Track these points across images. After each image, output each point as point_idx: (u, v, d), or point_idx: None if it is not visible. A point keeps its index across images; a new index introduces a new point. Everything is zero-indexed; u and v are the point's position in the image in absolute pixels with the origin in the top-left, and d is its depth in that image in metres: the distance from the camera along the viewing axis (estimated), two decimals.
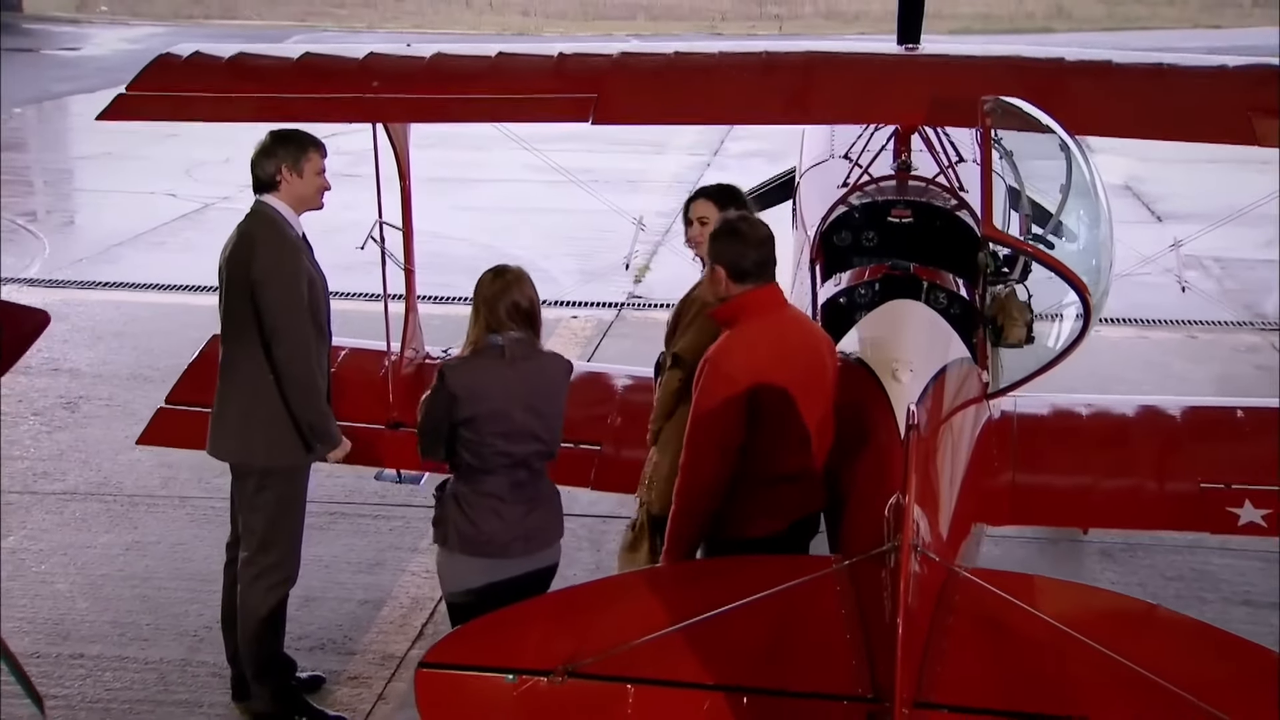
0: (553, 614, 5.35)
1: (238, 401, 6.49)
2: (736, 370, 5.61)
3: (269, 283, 6.30)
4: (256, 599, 6.52)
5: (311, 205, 6.55)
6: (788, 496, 5.82)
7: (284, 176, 6.43)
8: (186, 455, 9.54)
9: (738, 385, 5.59)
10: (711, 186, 6.77)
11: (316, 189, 6.51)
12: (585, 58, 7.86)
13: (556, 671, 4.61)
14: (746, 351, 5.66)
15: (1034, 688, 4.75)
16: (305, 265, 6.40)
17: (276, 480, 6.50)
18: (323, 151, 6.57)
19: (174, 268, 15.14)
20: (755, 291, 5.73)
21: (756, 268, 5.72)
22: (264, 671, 6.61)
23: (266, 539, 6.53)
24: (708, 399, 5.63)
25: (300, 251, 6.42)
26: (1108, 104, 7.40)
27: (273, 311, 6.29)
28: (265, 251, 6.35)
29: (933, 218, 7.78)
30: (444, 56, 7.86)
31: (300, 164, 6.44)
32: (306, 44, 8.43)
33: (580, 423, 7.36)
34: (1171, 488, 7.10)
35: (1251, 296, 14.49)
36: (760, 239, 5.75)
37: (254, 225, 6.43)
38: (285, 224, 6.43)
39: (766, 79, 7.67)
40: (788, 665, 4.85)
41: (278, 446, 6.44)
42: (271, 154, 6.46)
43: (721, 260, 5.73)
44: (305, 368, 6.36)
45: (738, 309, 5.72)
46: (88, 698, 6.90)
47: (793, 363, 5.73)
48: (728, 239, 5.75)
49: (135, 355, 12.16)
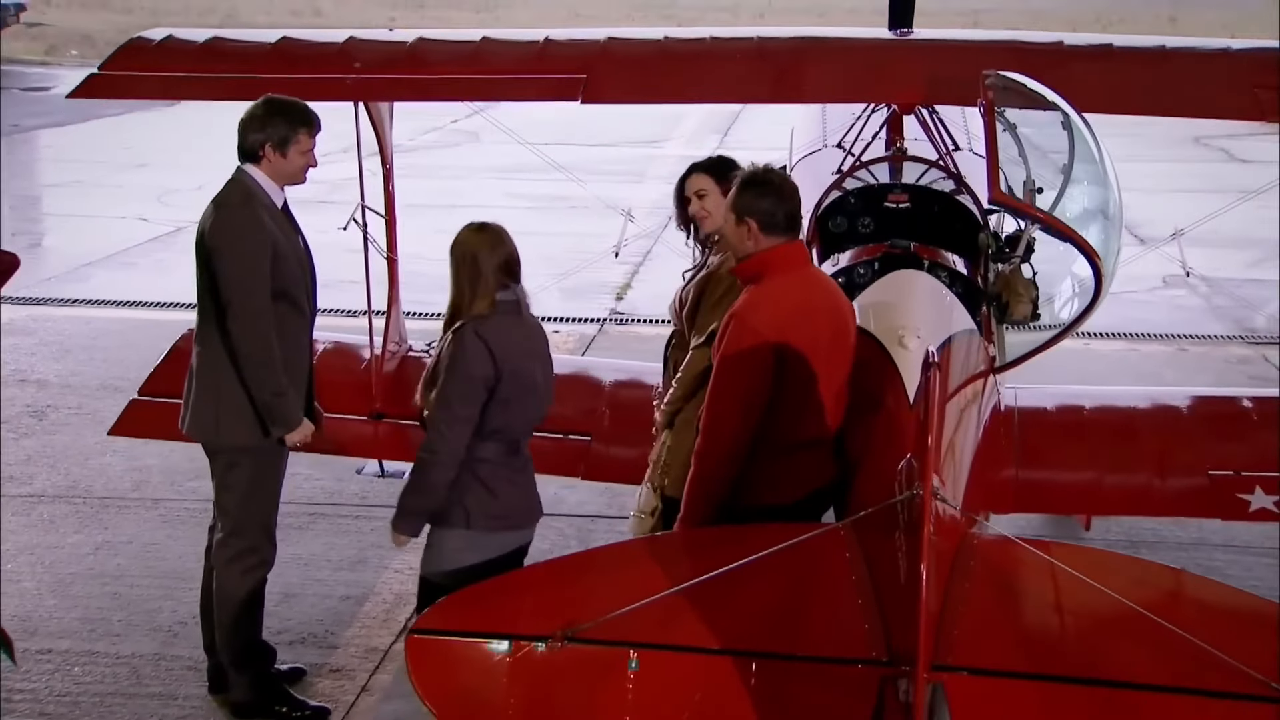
0: (546, 582, 5.16)
1: (202, 378, 6.20)
2: (763, 325, 5.37)
3: (223, 252, 6.01)
4: (233, 582, 6.25)
5: (294, 180, 6.27)
6: (807, 463, 5.59)
7: (266, 154, 6.14)
8: (158, 459, 9.48)
9: (763, 341, 5.35)
10: (705, 160, 6.54)
11: (300, 167, 6.22)
12: (572, 41, 7.68)
13: (554, 637, 4.42)
14: (772, 307, 5.42)
15: (1054, 650, 4.57)
16: (269, 236, 6.04)
17: (246, 459, 6.20)
18: (314, 129, 6.22)
19: (145, 286, 14.87)
20: (782, 247, 5.49)
21: (788, 220, 5.50)
22: (242, 659, 6.32)
23: (240, 521, 6.26)
24: (732, 354, 5.36)
25: (264, 221, 6.06)
26: (1110, 81, 7.29)
27: (226, 283, 6.00)
28: (224, 220, 6.06)
29: (930, 201, 7.60)
30: (427, 40, 7.71)
31: (287, 145, 6.13)
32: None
33: (571, 415, 7.18)
34: (1181, 475, 6.94)
35: (1240, 312, 14.36)
36: (792, 191, 5.55)
37: (224, 193, 6.17)
38: (259, 193, 6.13)
39: (760, 60, 7.51)
40: (797, 630, 4.66)
41: (239, 426, 6.14)
42: (260, 127, 6.14)
43: (753, 212, 5.46)
44: (258, 344, 6.00)
45: (763, 264, 5.48)
46: (55, 691, 6.60)
47: (818, 323, 5.50)
48: (761, 189, 5.48)
49: (105, 367, 11.85)
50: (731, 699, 4.39)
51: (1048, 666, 4.42)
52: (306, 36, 8.02)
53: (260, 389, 6.04)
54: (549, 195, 19.82)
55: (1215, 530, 8.30)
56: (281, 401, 6.09)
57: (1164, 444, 7.07)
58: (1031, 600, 4.81)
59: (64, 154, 24.09)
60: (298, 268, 6.20)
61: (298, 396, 6.22)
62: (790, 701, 4.38)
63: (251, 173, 6.15)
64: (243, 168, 6.18)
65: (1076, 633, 4.67)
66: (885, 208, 7.58)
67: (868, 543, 4.81)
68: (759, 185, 5.51)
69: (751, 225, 5.47)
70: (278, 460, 6.31)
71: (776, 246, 5.49)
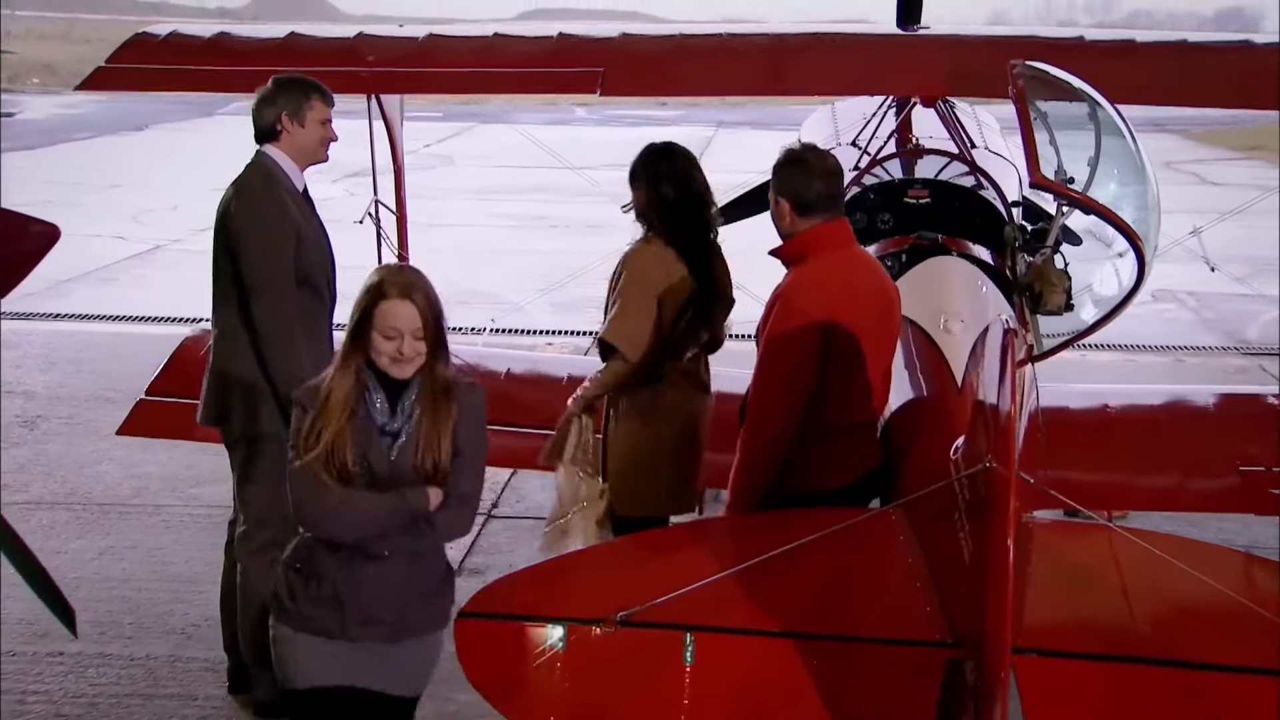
0: (593, 566, 5.10)
1: (220, 365, 6.02)
2: (810, 305, 5.17)
3: (247, 234, 5.84)
4: (257, 576, 6.00)
5: (315, 158, 6.07)
6: (854, 447, 5.39)
7: (284, 125, 5.94)
8: (156, 466, 9.32)
9: (810, 321, 5.15)
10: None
11: (320, 140, 6.01)
12: (587, 36, 7.60)
13: (607, 620, 4.30)
14: (818, 288, 5.22)
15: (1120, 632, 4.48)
16: (294, 219, 5.88)
17: (268, 447, 5.95)
18: (328, 100, 6.04)
19: (128, 301, 14.72)
20: (824, 226, 5.28)
21: (822, 200, 5.27)
22: (267, 656, 6.13)
23: (263, 512, 6.01)
24: (778, 336, 5.18)
25: (288, 205, 5.90)
26: (1133, 74, 7.25)
27: (250, 265, 5.83)
28: (247, 201, 5.88)
29: (950, 197, 7.53)
30: (439, 36, 7.61)
31: (302, 112, 5.94)
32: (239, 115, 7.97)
33: None
34: (1212, 471, 6.87)
35: (1230, 325, 14.41)
36: (827, 169, 5.32)
37: (246, 175, 5.98)
38: (280, 175, 5.95)
39: (778, 54, 7.45)
40: (854, 613, 4.56)
41: (260, 412, 5.95)
42: (272, 101, 5.98)
43: (784, 192, 5.30)
44: (283, 326, 5.82)
45: (805, 244, 5.29)
46: (71, 693, 6.42)
47: (864, 304, 5.30)
48: (790, 168, 5.30)
49: (93, 379, 11.66)
50: (791, 683, 4.27)
51: (1116, 649, 4.33)
52: (314, 33, 7.93)
53: (282, 375, 5.83)
54: (528, 215, 19.79)
55: (1237, 531, 8.20)
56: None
57: (1192, 441, 7.00)
58: (1091, 581, 4.71)
59: (35, 176, 23.86)
60: (319, 253, 6.02)
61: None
62: (852, 685, 4.28)
63: (271, 154, 5.98)
64: (262, 149, 6.00)
65: (1141, 614, 4.58)
66: (905, 203, 7.51)
67: (922, 525, 4.71)
68: (791, 165, 5.34)
69: (784, 205, 5.32)
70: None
71: (817, 226, 5.30)
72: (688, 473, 6.02)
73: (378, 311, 4.37)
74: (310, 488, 4.41)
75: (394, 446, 4.44)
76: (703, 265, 5.88)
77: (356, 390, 4.42)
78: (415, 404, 4.46)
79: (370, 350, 4.40)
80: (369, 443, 4.42)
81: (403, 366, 4.41)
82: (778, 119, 35.37)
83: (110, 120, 33.10)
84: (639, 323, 5.78)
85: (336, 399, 4.40)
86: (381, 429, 4.44)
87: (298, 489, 4.45)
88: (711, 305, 5.94)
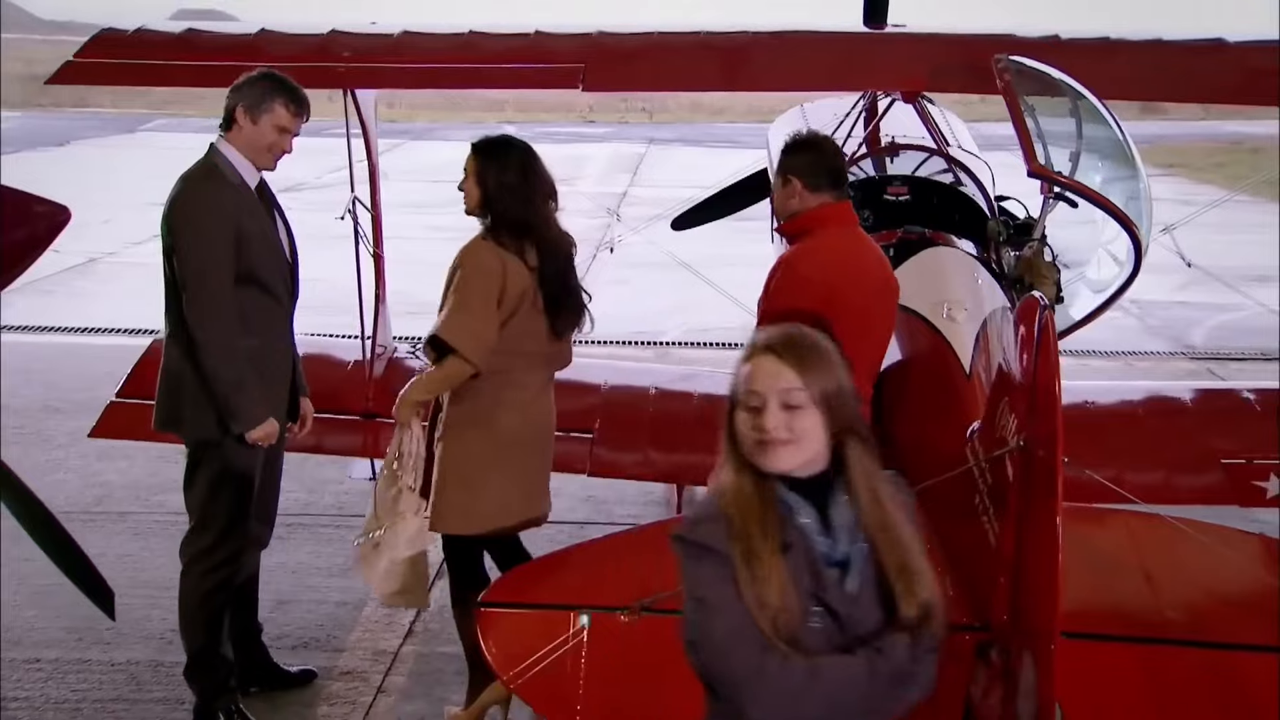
0: (608, 555, 5.09)
1: (167, 368, 5.83)
2: (813, 273, 5.35)
3: (180, 231, 5.63)
4: (191, 581, 5.92)
5: (262, 164, 5.81)
6: None
7: (238, 119, 5.73)
8: (117, 474, 9.17)
9: (812, 289, 5.25)
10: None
11: (268, 145, 5.74)
12: (565, 33, 7.54)
13: (631, 608, 4.24)
14: (822, 258, 5.42)
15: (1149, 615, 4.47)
16: (230, 215, 5.63)
17: (209, 456, 5.81)
18: (296, 109, 5.76)
19: (69, 313, 14.50)
20: (831, 205, 5.49)
21: (831, 178, 5.49)
22: (194, 665, 5.98)
23: (202, 518, 5.91)
24: (780, 301, 5.31)
25: (223, 200, 5.65)
26: (1110, 69, 7.29)
27: (183, 264, 5.62)
28: (182, 196, 5.68)
29: (929, 192, 7.55)
30: (414, 32, 7.52)
31: (259, 110, 5.71)
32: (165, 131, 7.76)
33: (574, 412, 7.02)
34: (1195, 465, 6.90)
35: (1174, 331, 14.58)
36: (836, 152, 5.57)
37: (190, 169, 5.78)
38: (227, 170, 5.73)
39: (758, 50, 7.42)
40: None
41: (201, 420, 5.75)
42: (236, 90, 5.77)
43: (796, 171, 5.46)
44: (214, 331, 5.59)
45: (814, 219, 5.45)
46: (53, 699, 6.26)
47: (865, 282, 5.46)
48: (800, 150, 5.55)
49: (43, 390, 11.43)
50: None
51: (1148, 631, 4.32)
52: (286, 29, 7.80)
53: (216, 380, 5.64)
54: (465, 227, 19.58)
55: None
56: (239, 395, 5.66)
57: (1173, 436, 7.04)
58: (1115, 565, 4.71)
59: None
60: (267, 251, 5.80)
61: (266, 390, 5.80)
62: None
63: (222, 148, 5.77)
64: (215, 142, 5.80)
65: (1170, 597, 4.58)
66: (885, 200, 7.51)
67: (939, 509, 4.66)
68: (800, 147, 5.58)
69: (796, 184, 5.49)
70: (245, 458, 5.83)
71: (825, 204, 5.47)
72: (530, 484, 5.76)
73: (738, 376, 3.26)
74: (753, 667, 3.05)
75: (847, 578, 3.17)
76: (544, 260, 5.61)
77: (769, 508, 3.16)
78: (851, 509, 3.23)
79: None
80: (817, 581, 3.15)
81: (778, 453, 3.18)
82: (707, 136, 35.63)
83: (29, 136, 32.60)
84: (477, 319, 5.50)
85: (753, 530, 3.12)
86: (826, 558, 3.18)
87: (733, 669, 3.09)
88: (554, 302, 5.65)
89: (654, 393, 7.32)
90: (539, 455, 5.78)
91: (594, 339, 6.39)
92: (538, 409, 5.76)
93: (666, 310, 14.38)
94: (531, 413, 5.73)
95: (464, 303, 5.51)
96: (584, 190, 23.37)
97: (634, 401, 7.34)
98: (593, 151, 30.81)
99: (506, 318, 5.53)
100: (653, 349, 13.16)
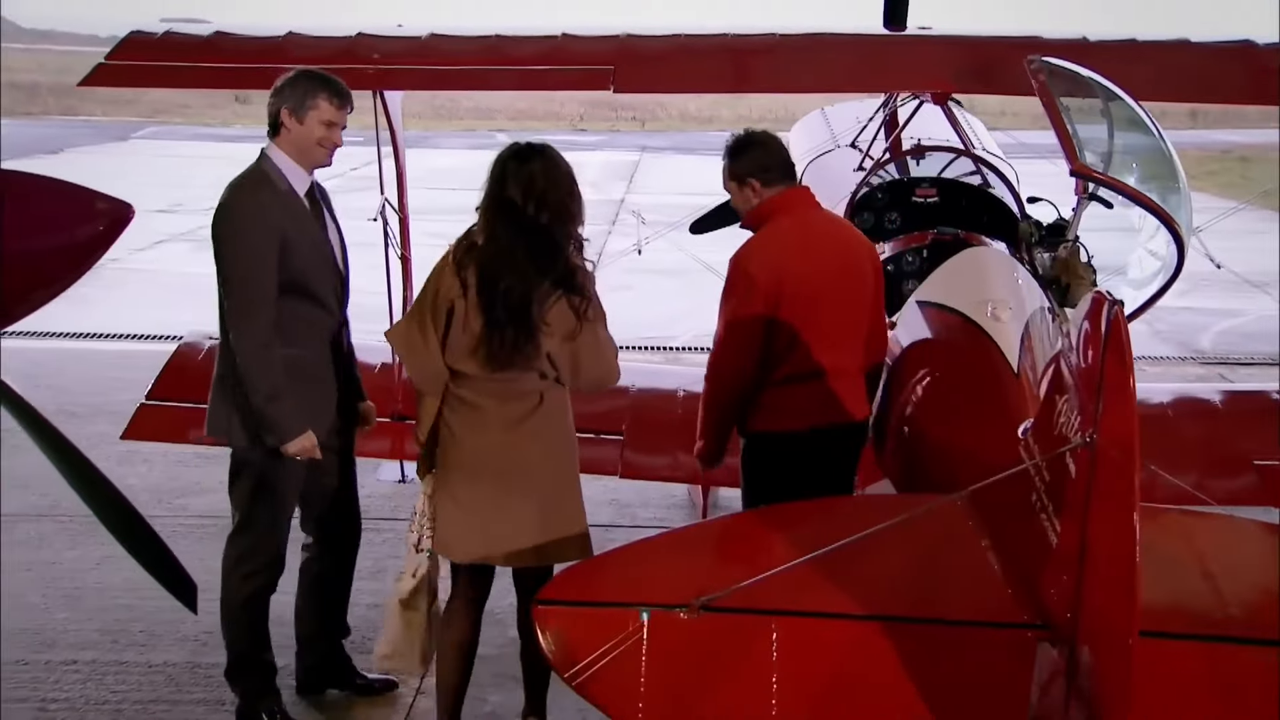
0: (666, 552, 5.02)
1: (217, 375, 5.82)
2: (756, 268, 5.56)
3: (220, 240, 5.62)
4: (234, 584, 5.94)
5: (313, 160, 5.77)
6: (805, 397, 5.63)
7: (284, 121, 5.70)
8: (138, 479, 9.13)
9: (757, 282, 5.53)
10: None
11: (317, 140, 5.70)
12: (592, 35, 7.56)
13: (690, 605, 4.22)
14: (766, 248, 5.62)
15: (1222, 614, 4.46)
16: (273, 223, 5.59)
17: (249, 464, 5.83)
18: (339, 101, 5.72)
19: (73, 318, 14.38)
20: (788, 192, 5.73)
21: (783, 170, 5.74)
22: (237, 666, 6.00)
23: (243, 522, 5.92)
24: (729, 296, 5.62)
25: (265, 208, 5.62)
26: (1141, 72, 7.32)
27: (222, 274, 5.63)
28: (225, 205, 5.66)
29: (959, 194, 7.57)
30: (441, 35, 7.55)
31: (304, 109, 5.67)
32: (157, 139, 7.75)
33: (603, 414, 7.03)
34: (1227, 467, 6.92)
35: (1182, 336, 14.65)
36: (780, 145, 5.82)
37: (238, 176, 5.77)
38: (276, 177, 5.70)
39: (787, 52, 7.45)
40: (938, 596, 4.51)
41: (242, 430, 5.75)
42: (278, 93, 5.73)
43: (749, 171, 5.70)
44: (251, 342, 5.56)
45: (770, 209, 5.69)
46: (93, 700, 6.24)
47: (820, 259, 5.63)
48: (746, 150, 5.73)
49: (53, 394, 11.33)
50: (880, 666, 4.24)
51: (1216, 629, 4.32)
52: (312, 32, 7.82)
53: (252, 392, 5.61)
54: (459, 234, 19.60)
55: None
56: (273, 407, 5.61)
57: (1205, 438, 7.06)
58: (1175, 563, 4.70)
59: None
60: (316, 259, 5.76)
61: (308, 401, 5.73)
62: (943, 668, 4.24)
63: (272, 154, 5.75)
64: (265, 149, 5.79)
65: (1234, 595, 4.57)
66: (914, 202, 7.54)
67: (995, 508, 4.67)
68: (748, 147, 5.75)
69: (754, 185, 5.71)
70: (284, 471, 5.80)
71: (782, 192, 5.71)
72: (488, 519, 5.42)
73: None
74: None
75: None
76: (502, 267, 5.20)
77: None
78: None
79: None
80: None
81: None
82: (700, 144, 35.62)
83: (23, 144, 32.47)
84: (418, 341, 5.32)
85: None
86: None
87: None
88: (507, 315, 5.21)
89: (682, 395, 7.32)
90: (494, 489, 5.39)
91: None
92: (488, 437, 5.39)
93: (676, 315, 14.40)
94: (476, 440, 5.39)
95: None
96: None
97: (662, 404, 7.35)
98: (586, 159, 30.81)
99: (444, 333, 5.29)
100: (663, 354, 13.18)
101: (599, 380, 5.52)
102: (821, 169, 8.44)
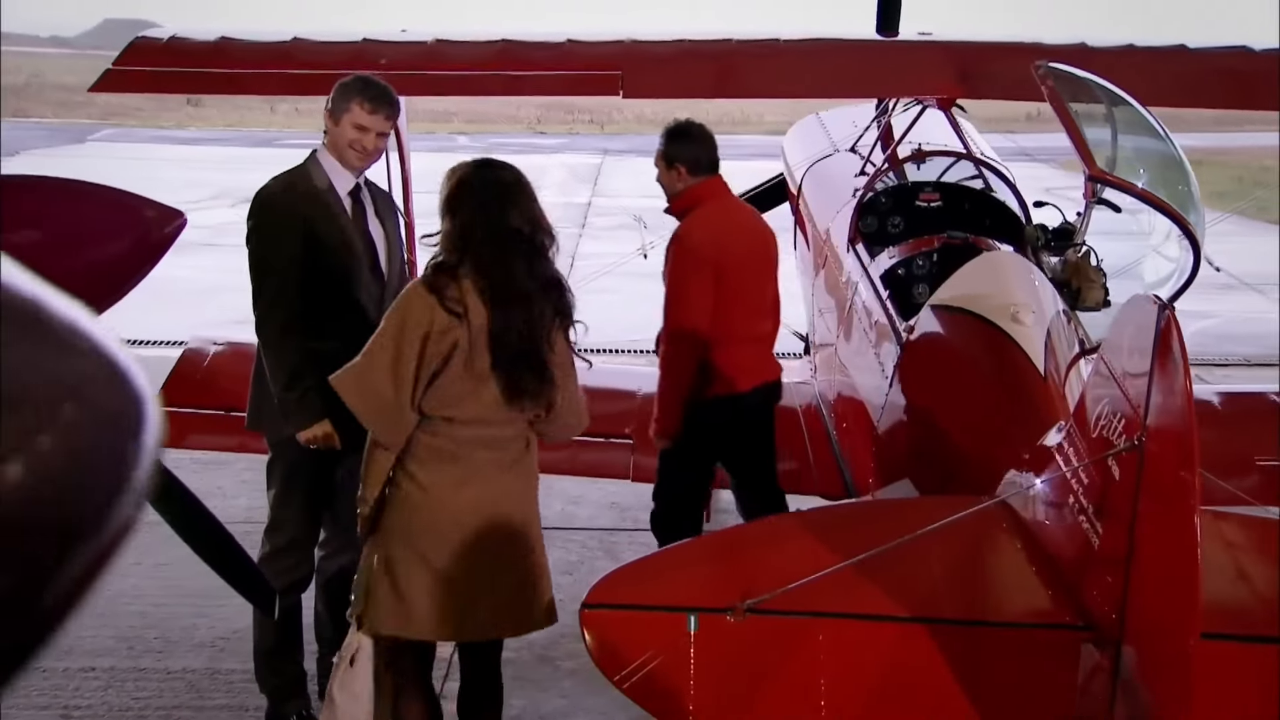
0: (708, 556, 5.06)
1: (254, 370, 5.91)
2: (697, 243, 6.30)
3: (250, 234, 5.74)
4: (272, 577, 5.92)
5: (348, 163, 5.79)
6: (749, 358, 6.46)
7: (326, 122, 5.84)
8: None
9: (702, 254, 6.28)
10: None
11: (348, 143, 5.72)
12: (599, 41, 7.60)
13: (736, 609, 4.27)
14: (706, 227, 6.33)
15: None
16: (300, 220, 5.64)
17: (278, 456, 5.90)
18: (370, 106, 5.71)
19: None
20: (710, 181, 6.42)
21: (710, 162, 6.42)
22: (266, 666, 6.02)
23: (275, 517, 5.95)
24: (678, 270, 6.34)
25: (294, 205, 5.69)
26: (1140, 77, 7.39)
27: (250, 265, 5.74)
28: (257, 200, 5.77)
29: (962, 199, 7.64)
30: (447, 40, 7.56)
31: (339, 112, 5.74)
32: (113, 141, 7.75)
33: (611, 417, 7.07)
34: (1229, 467, 6.97)
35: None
36: (710, 138, 6.48)
37: (281, 174, 5.89)
38: (316, 174, 5.79)
39: (792, 57, 7.50)
40: (983, 598, 4.57)
41: (270, 420, 5.86)
42: (330, 95, 5.83)
43: (682, 158, 6.37)
44: (271, 333, 5.68)
45: (697, 196, 6.38)
46: (115, 707, 6.25)
47: (745, 239, 6.47)
48: (683, 139, 6.41)
49: None
50: (928, 668, 4.28)
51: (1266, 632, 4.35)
52: (318, 37, 7.82)
53: (272, 380, 5.73)
54: None
55: None
56: (287, 394, 5.67)
57: (1207, 438, 7.11)
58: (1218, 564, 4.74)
59: None
60: (348, 256, 5.78)
61: (328, 392, 5.41)
62: (990, 669, 4.30)
63: (320, 154, 5.85)
64: (316, 148, 5.94)
65: None
66: (917, 206, 7.60)
67: (1031, 510, 4.73)
68: (684, 136, 6.44)
69: (681, 170, 6.39)
70: (311, 462, 5.81)
71: (704, 181, 6.40)
72: (465, 593, 4.92)
73: None
74: None
75: None
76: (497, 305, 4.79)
77: None
78: None
79: None
80: None
81: None
82: None
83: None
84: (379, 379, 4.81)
85: None
86: None
87: None
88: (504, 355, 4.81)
89: None
90: (480, 554, 4.91)
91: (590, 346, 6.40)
92: (472, 497, 4.92)
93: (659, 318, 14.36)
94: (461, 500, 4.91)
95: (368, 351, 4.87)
96: (548, 201, 23.43)
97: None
98: (546, 162, 30.82)
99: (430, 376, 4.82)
100: (647, 357, 13.16)
101: (577, 424, 5.16)
102: (822, 174, 8.50)
